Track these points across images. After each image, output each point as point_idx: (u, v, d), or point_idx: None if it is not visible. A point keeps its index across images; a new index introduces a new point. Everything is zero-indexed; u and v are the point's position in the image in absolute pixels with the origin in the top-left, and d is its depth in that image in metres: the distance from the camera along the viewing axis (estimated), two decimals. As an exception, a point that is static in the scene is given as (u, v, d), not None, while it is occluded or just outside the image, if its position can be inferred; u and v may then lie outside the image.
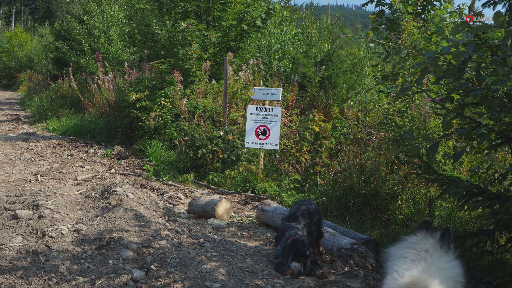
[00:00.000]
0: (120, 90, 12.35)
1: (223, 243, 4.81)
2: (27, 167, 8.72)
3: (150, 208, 5.41)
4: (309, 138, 7.53)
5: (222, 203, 6.11)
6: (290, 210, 4.84)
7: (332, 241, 4.92)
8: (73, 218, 4.86)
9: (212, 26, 12.18)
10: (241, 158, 8.09)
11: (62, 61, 21.22)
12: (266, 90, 7.72)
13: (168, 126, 9.75)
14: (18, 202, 5.30)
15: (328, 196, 6.22)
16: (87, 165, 9.04)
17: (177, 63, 11.03)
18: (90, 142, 11.73)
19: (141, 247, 4.16)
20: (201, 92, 10.28)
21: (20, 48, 42.76)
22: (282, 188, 7.18)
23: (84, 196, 5.58)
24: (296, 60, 12.39)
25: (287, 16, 15.63)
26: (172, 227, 4.94)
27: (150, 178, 8.15)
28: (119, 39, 18.22)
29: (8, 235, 4.42)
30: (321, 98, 9.80)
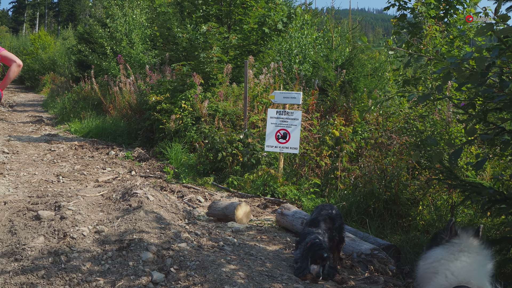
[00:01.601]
0: (141, 93, 12.44)
1: (243, 247, 4.81)
2: (50, 168, 8.81)
3: (170, 210, 5.43)
4: (329, 142, 7.50)
5: (241, 206, 6.11)
6: (312, 215, 4.82)
7: (352, 246, 4.89)
8: (94, 219, 4.90)
9: (233, 30, 12.21)
10: (261, 161, 8.09)
11: (84, 64, 21.43)
12: (286, 94, 7.71)
13: (189, 129, 9.78)
14: (41, 203, 5.36)
15: (348, 200, 6.19)
16: (108, 167, 9.10)
17: (198, 66, 11.07)
18: (111, 144, 11.82)
19: (161, 249, 4.17)
20: (222, 95, 10.30)
21: (44, 50, 43.25)
22: (302, 192, 7.15)
23: (105, 198, 5.62)
24: (316, 64, 12.37)
25: (308, 20, 15.60)
26: (192, 230, 4.96)
27: (170, 181, 8.18)
28: (140, 42, 18.34)
29: (31, 236, 4.46)
30: (342, 102, 9.77)
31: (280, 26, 11.58)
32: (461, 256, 2.74)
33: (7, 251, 4.21)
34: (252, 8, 11.99)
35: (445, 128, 5.83)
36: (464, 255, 2.75)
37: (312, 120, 9.05)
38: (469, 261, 2.72)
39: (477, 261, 2.73)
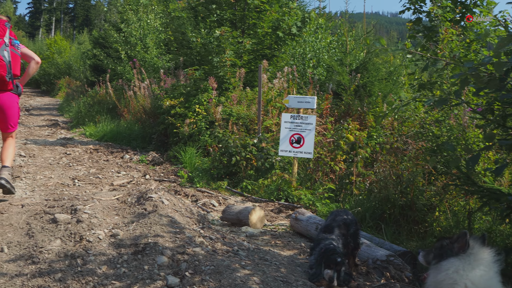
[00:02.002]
0: (156, 97, 12.49)
1: (257, 252, 4.80)
2: (65, 172, 8.86)
3: (184, 214, 5.43)
4: (343, 147, 7.47)
5: (255, 211, 6.10)
6: (326, 220, 4.79)
7: (367, 252, 4.85)
8: (109, 223, 4.92)
9: (247, 34, 12.22)
10: (274, 166, 8.08)
11: (99, 68, 21.57)
12: (300, 98, 7.70)
13: (203, 133, 9.80)
14: (57, 206, 5.39)
15: (363, 206, 6.15)
16: (123, 171, 9.14)
17: (212, 70, 11.09)
18: (126, 148, 11.88)
19: (176, 254, 4.17)
20: (236, 99, 10.31)
21: (60, 55, 43.59)
22: (316, 197, 7.13)
23: (121, 202, 5.64)
24: (330, 68, 12.33)
25: (322, 24, 15.58)
26: (206, 234, 4.95)
27: (184, 185, 8.20)
28: (155, 47, 18.42)
29: (48, 238, 4.50)
30: (356, 107, 9.74)
31: (294, 30, 11.57)
32: (478, 266, 2.82)
33: (24, 254, 4.25)
34: (266, 13, 12.00)
35: (462, 133, 5.79)
36: (481, 264, 2.82)
37: (326, 125, 9.03)
38: (487, 270, 2.80)
39: (492, 269, 2.82)
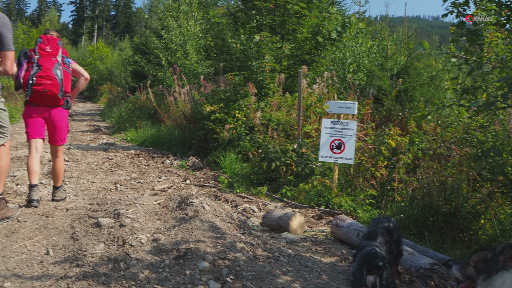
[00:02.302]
0: (196, 103, 12.59)
1: (298, 258, 4.77)
2: (107, 176, 9.00)
3: (225, 220, 5.45)
4: (385, 153, 7.39)
5: (296, 217, 6.07)
6: (369, 227, 4.73)
7: (410, 260, 4.77)
8: (151, 227, 4.97)
9: (286, 39, 12.22)
10: (315, 172, 8.03)
11: (140, 74, 21.88)
12: (341, 104, 7.64)
13: (242, 138, 9.82)
14: (100, 210, 5.48)
15: (405, 213, 6.05)
16: (164, 176, 9.23)
17: (251, 75, 11.12)
18: (166, 153, 12.00)
19: (217, 259, 4.18)
20: (275, 105, 10.30)
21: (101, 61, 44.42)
22: (357, 204, 7.05)
23: (162, 206, 5.70)
24: (371, 73, 12.22)
25: (363, 28, 15.46)
26: (247, 240, 4.95)
27: (224, 190, 8.22)
28: (195, 53, 18.59)
29: (91, 242, 4.57)
30: (397, 112, 9.62)
31: (334, 35, 11.51)
32: None
33: (69, 257, 4.34)
34: (305, 18, 11.98)
35: (508, 139, 5.65)
36: None
37: (367, 130, 8.94)
38: None
39: None
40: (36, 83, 5.72)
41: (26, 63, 5.80)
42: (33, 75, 5.72)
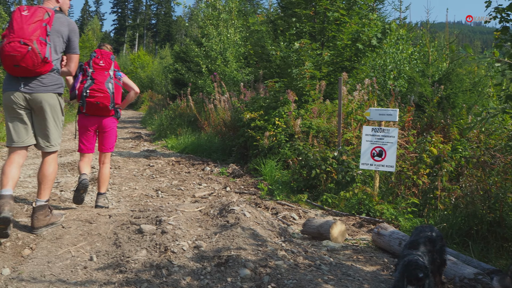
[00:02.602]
0: (236, 110, 12.65)
1: (339, 266, 4.74)
2: (149, 183, 9.12)
3: (266, 227, 5.46)
4: (427, 160, 7.29)
5: (337, 225, 6.04)
6: (411, 236, 4.67)
7: (453, 270, 4.69)
8: (193, 234, 5.01)
9: (326, 46, 12.20)
10: (355, 179, 7.98)
11: (180, 82, 22.15)
12: (382, 111, 7.58)
13: (282, 145, 9.82)
14: (142, 217, 5.56)
15: (448, 222, 5.95)
16: (204, 183, 9.30)
17: (291, 82, 11.13)
18: (206, 160, 12.08)
19: (258, 267, 4.19)
20: (315, 112, 10.28)
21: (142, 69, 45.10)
22: (398, 212, 6.97)
23: (203, 214, 5.74)
24: (412, 80, 12.09)
25: (403, 34, 15.31)
26: (288, 248, 4.95)
27: (264, 197, 8.23)
28: (234, 60, 18.71)
29: (134, 249, 4.64)
30: (439, 119, 9.48)
31: (374, 42, 11.44)
32: None
33: (112, 263, 4.41)
34: (345, 25, 11.94)
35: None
36: None
37: (408, 138, 8.83)
38: None
39: None
40: (89, 95, 6.10)
41: (81, 76, 6.16)
42: (87, 88, 6.10)
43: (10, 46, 4.75)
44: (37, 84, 5.03)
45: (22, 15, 4.85)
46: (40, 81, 5.05)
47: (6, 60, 4.82)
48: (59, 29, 5.14)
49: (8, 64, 4.85)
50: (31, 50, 4.77)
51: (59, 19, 5.16)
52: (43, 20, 4.92)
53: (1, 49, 4.80)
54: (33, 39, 4.80)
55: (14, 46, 4.74)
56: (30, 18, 4.85)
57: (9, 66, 4.88)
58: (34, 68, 4.89)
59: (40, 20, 4.90)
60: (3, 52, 4.79)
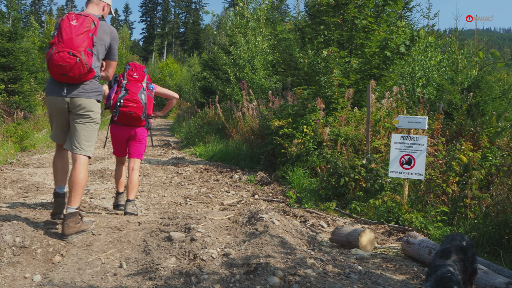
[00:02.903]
0: (264, 118, 12.70)
1: (369, 275, 4.74)
2: (177, 191, 9.22)
3: (295, 235, 5.47)
4: (456, 168, 7.23)
5: (366, 233, 6.03)
6: (442, 245, 4.65)
7: (484, 279, 4.66)
8: (222, 242, 5.06)
9: (354, 54, 12.19)
10: (384, 187, 7.95)
11: (208, 90, 22.31)
12: (411, 119, 7.55)
13: (310, 153, 9.82)
14: (172, 224, 5.62)
15: (479, 230, 5.90)
16: (232, 190, 9.36)
17: (319, 90, 11.14)
18: (234, 167, 12.14)
19: (287, 275, 4.22)
20: (343, 119, 10.28)
21: (171, 77, 45.48)
22: (428, 220, 6.93)
23: (232, 221, 5.78)
24: (441, 87, 12.00)
25: (432, 42, 15.20)
26: (317, 256, 4.96)
27: (292, 205, 8.25)
28: (262, 68, 18.78)
29: (163, 256, 4.69)
30: (469, 127, 9.39)
31: (402, 49, 11.39)
32: None
33: (142, 270, 4.47)
34: (373, 32, 11.92)
35: None
36: None
37: (438, 145, 8.77)
38: None
39: None
40: (123, 105, 6.37)
41: (116, 87, 6.45)
42: (121, 98, 6.38)
43: (59, 56, 4.92)
44: (79, 90, 5.21)
45: (71, 24, 5.00)
46: (82, 87, 5.23)
47: (54, 68, 5.01)
48: (102, 37, 5.31)
49: (55, 72, 5.05)
50: (79, 62, 4.96)
51: (103, 27, 5.32)
52: (90, 30, 5.08)
53: (50, 58, 4.97)
54: (81, 50, 4.98)
55: (63, 56, 4.92)
56: (79, 28, 5.01)
57: (56, 74, 5.08)
58: (80, 78, 5.10)
59: (88, 31, 5.06)
60: (52, 61, 4.96)
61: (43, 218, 5.95)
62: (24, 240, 4.90)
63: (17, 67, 18.29)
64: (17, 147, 13.94)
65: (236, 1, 22.00)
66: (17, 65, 18.28)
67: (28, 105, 18.47)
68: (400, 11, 14.41)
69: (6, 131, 14.17)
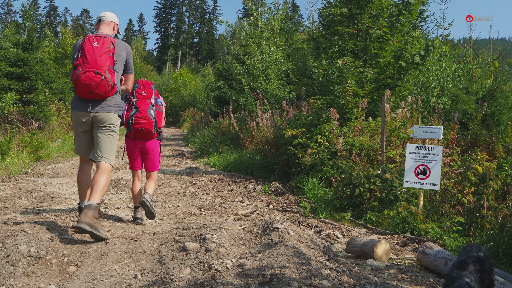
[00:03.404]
0: (278, 128, 12.71)
1: (384, 286, 4.71)
2: (192, 201, 9.24)
3: (310, 246, 5.46)
4: (472, 179, 7.18)
5: (381, 244, 6.00)
6: (459, 256, 4.61)
7: (501, 290, 4.62)
8: (237, 252, 5.06)
9: (368, 64, 12.18)
10: (399, 197, 7.91)
11: (222, 100, 22.38)
12: (426, 129, 7.52)
13: (325, 163, 9.80)
14: (186, 234, 5.64)
15: (495, 241, 5.85)
16: (246, 200, 9.35)
17: (333, 100, 11.14)
18: (249, 177, 12.13)
19: (302, 285, 4.20)
20: (358, 129, 10.25)
21: (185, 87, 45.67)
22: (443, 231, 6.87)
23: (247, 232, 5.79)
24: (455, 97, 11.96)
25: (447, 52, 15.16)
26: (332, 267, 4.94)
27: (307, 215, 8.23)
28: (276, 78, 18.80)
29: (178, 266, 4.70)
30: (484, 137, 9.33)
31: (417, 59, 11.36)
32: None
33: (157, 281, 4.47)
34: (388, 42, 11.91)
35: None
36: None
37: (453, 155, 8.72)
38: None
39: None
40: (134, 122, 6.88)
41: (127, 105, 6.93)
42: (132, 116, 6.88)
43: (86, 75, 5.51)
44: (102, 106, 5.83)
45: (93, 46, 5.59)
46: (105, 102, 5.86)
47: (82, 88, 5.60)
48: (119, 53, 5.89)
49: (83, 91, 5.65)
50: (104, 79, 5.57)
51: (118, 45, 5.90)
52: (110, 50, 5.68)
53: (77, 78, 5.53)
54: (105, 69, 5.59)
55: (89, 76, 5.51)
56: (101, 49, 5.60)
57: (84, 93, 5.68)
58: (105, 94, 5.73)
59: (108, 51, 5.66)
60: (79, 81, 5.53)
61: (57, 228, 5.99)
62: (39, 250, 4.94)
63: (32, 77, 18.51)
64: (31, 157, 14.05)
65: (250, 11, 22.06)
66: (32, 75, 18.50)
67: (43, 115, 18.65)
68: (414, 21, 14.39)
69: (21, 141, 14.31)
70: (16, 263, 4.62)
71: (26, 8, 23.58)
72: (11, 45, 20.05)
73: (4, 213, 7.40)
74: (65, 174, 12.18)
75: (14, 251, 4.81)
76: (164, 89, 50.99)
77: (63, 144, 17.66)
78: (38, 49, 20.74)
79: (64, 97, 24.26)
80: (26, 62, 18.36)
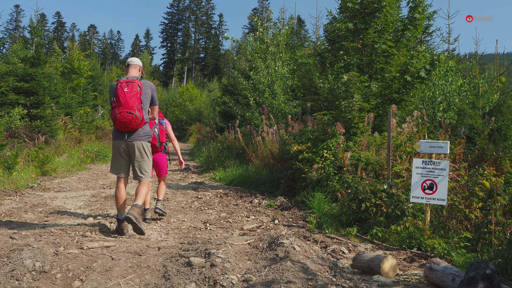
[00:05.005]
0: (284, 142, 12.69)
1: (391, 302, 4.67)
2: (197, 215, 9.21)
3: (316, 261, 5.43)
4: (479, 194, 7.13)
5: (388, 259, 5.95)
6: (467, 273, 4.58)
7: (510, 307, 4.56)
8: (242, 267, 5.03)
9: (374, 78, 12.19)
10: (406, 213, 7.86)
11: (228, 114, 22.39)
12: (433, 143, 7.49)
13: (331, 178, 9.77)
14: (191, 249, 5.61)
15: (503, 257, 5.79)
16: (252, 215, 9.32)
17: (339, 115, 11.12)
18: (254, 192, 12.11)
19: (308, 301, 4.17)
20: (364, 144, 10.23)
21: (191, 102, 45.81)
22: (451, 246, 6.82)
23: (252, 247, 5.76)
24: (462, 112, 11.93)
25: (453, 66, 15.15)
26: (338, 282, 4.91)
27: (313, 230, 8.18)
28: (282, 93, 18.84)
29: (183, 281, 4.68)
30: (491, 151, 9.29)
31: (422, 74, 11.36)
32: None
33: (162, 296, 4.45)
34: (393, 57, 11.93)
35: None
36: None
37: (460, 170, 8.68)
38: None
39: None
40: None
41: None
42: None
43: (121, 115, 7.02)
44: (135, 135, 7.32)
45: (124, 92, 7.03)
46: (137, 133, 7.34)
47: (119, 124, 7.11)
48: (146, 91, 7.34)
49: (120, 126, 7.16)
50: (135, 117, 7.07)
51: (144, 85, 7.35)
52: (137, 92, 7.13)
53: (115, 117, 7.05)
54: (135, 108, 7.06)
55: (124, 115, 7.02)
56: (130, 93, 7.05)
57: (120, 127, 7.18)
58: (136, 127, 7.22)
59: (136, 93, 7.11)
60: (117, 119, 7.05)
61: (63, 242, 5.98)
62: (44, 264, 4.93)
63: (40, 92, 18.59)
64: (38, 171, 14.08)
65: (256, 27, 22.20)
66: (40, 90, 18.59)
67: (50, 130, 18.70)
68: (420, 36, 14.41)
69: (28, 155, 14.36)
70: (21, 278, 4.60)
71: (34, 23, 23.72)
72: (19, 60, 20.16)
73: (9, 227, 7.40)
74: (71, 188, 12.20)
75: (19, 265, 4.80)
76: (170, 103, 51.22)
77: (69, 158, 17.70)
78: (46, 64, 20.87)
79: (70, 112, 24.35)
80: (33, 77, 18.46)
